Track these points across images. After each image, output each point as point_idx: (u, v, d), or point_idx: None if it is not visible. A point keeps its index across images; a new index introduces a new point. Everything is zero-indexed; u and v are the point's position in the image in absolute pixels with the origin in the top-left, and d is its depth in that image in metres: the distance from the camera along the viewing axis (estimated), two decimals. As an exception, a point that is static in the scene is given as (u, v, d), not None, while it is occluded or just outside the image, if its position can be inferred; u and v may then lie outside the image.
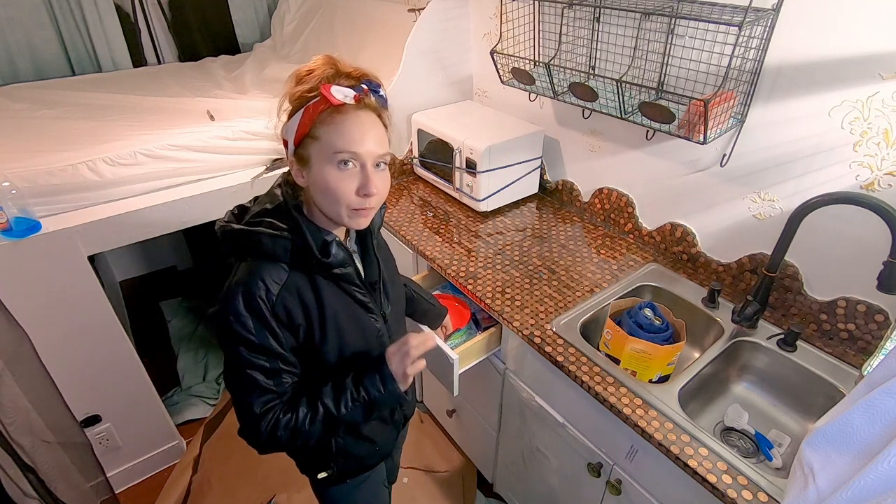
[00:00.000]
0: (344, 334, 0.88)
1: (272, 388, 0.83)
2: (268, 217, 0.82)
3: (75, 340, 1.61)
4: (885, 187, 1.05)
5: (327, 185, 0.78)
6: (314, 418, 0.85)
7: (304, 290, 0.83)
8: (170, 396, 2.28)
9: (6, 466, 1.23)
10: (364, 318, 0.92)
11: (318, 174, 0.79)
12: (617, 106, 1.30)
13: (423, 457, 1.97)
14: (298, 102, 0.79)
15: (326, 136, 0.77)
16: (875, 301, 1.13)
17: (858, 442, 0.64)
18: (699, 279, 1.43)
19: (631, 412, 1.05)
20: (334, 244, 0.84)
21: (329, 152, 0.77)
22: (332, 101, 0.76)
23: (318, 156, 0.78)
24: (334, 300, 0.87)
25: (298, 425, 0.84)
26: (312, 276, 0.85)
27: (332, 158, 0.77)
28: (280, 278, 0.81)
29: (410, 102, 1.90)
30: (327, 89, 0.75)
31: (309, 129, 0.78)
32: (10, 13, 2.21)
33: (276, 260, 0.82)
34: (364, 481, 1.13)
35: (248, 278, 0.80)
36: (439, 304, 1.33)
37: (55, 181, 1.48)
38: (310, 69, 0.79)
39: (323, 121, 0.77)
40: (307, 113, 0.77)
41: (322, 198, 0.81)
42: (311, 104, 0.77)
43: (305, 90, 0.78)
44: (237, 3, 2.79)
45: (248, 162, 1.78)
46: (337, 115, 0.77)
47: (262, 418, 0.83)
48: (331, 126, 0.77)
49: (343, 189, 0.79)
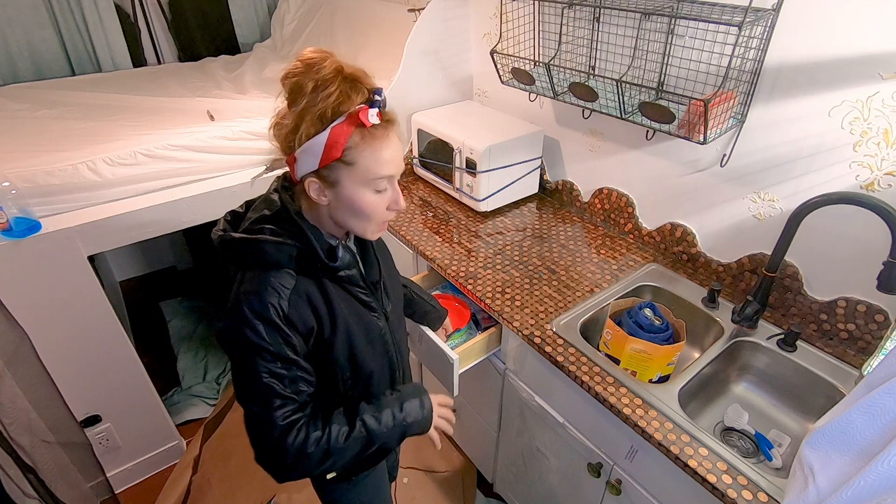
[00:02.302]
0: (351, 333, 0.89)
1: (292, 397, 0.80)
2: (267, 224, 0.80)
3: (75, 340, 1.61)
4: (885, 187, 1.05)
5: (362, 207, 0.79)
6: (350, 434, 0.82)
7: (313, 294, 0.83)
8: (170, 396, 2.28)
9: (6, 466, 1.23)
10: (368, 318, 0.93)
11: (350, 197, 0.78)
12: (617, 106, 1.30)
13: (423, 457, 1.97)
14: (320, 123, 0.73)
15: (363, 162, 0.76)
16: (875, 301, 1.13)
17: (858, 442, 0.64)
18: (699, 279, 1.43)
19: (631, 412, 1.05)
20: (339, 248, 0.84)
21: (366, 178, 0.77)
22: (367, 124, 0.73)
23: (352, 180, 0.77)
24: (341, 302, 0.87)
25: (332, 442, 0.80)
26: (319, 279, 0.84)
27: (370, 184, 0.78)
28: (289, 284, 0.80)
29: (410, 102, 1.90)
30: (366, 114, 0.73)
31: (341, 155, 0.74)
32: (10, 13, 2.20)
33: (281, 267, 0.80)
34: (367, 477, 1.13)
35: (258, 287, 0.78)
36: (440, 307, 1.33)
37: (55, 181, 1.48)
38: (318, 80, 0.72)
39: (356, 146, 0.74)
40: (335, 136, 0.73)
41: (350, 217, 0.81)
42: (338, 126, 0.73)
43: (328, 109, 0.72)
44: (237, 3, 2.79)
45: (248, 162, 1.78)
46: (371, 139, 0.75)
47: (288, 433, 0.78)
48: (367, 151, 0.75)
49: (378, 209, 0.81)
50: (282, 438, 0.78)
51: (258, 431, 0.80)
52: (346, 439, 0.82)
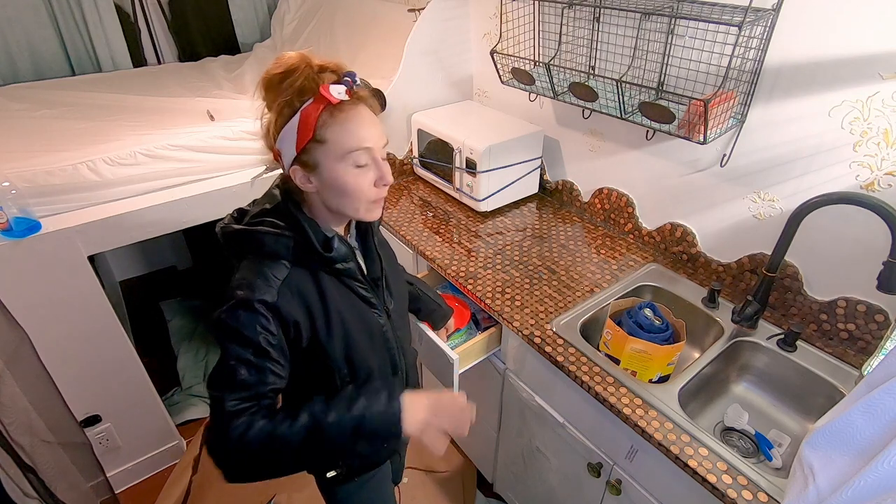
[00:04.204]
0: (349, 329, 0.88)
1: (250, 385, 0.77)
2: (267, 217, 0.82)
3: (75, 340, 1.61)
4: (885, 187, 1.05)
5: (345, 185, 0.79)
6: (294, 423, 0.76)
7: (305, 286, 0.83)
8: (170, 396, 2.28)
9: (6, 466, 1.23)
10: (367, 314, 0.92)
11: (331, 176, 0.79)
12: (617, 106, 1.30)
13: (423, 457, 1.97)
14: (289, 109, 0.76)
15: (334, 137, 0.76)
16: (875, 301, 1.13)
17: (858, 442, 0.64)
18: (699, 279, 1.43)
19: (631, 412, 1.05)
20: (336, 239, 0.84)
21: (341, 153, 0.77)
22: (333, 101, 0.74)
23: (329, 158, 0.78)
24: (337, 296, 0.87)
25: (275, 429, 0.75)
26: (315, 272, 0.85)
27: (346, 158, 0.78)
28: (281, 275, 0.81)
29: (410, 102, 1.90)
30: (327, 90, 0.74)
31: (313, 134, 0.76)
32: (10, 13, 2.20)
33: (278, 258, 0.82)
34: (371, 479, 1.13)
35: (249, 274, 0.80)
36: (445, 305, 1.33)
37: (55, 181, 1.47)
38: (286, 71, 0.75)
39: (325, 123, 0.76)
40: (305, 118, 0.75)
41: (338, 197, 0.81)
42: (306, 108, 0.75)
43: (293, 95, 0.75)
44: (237, 3, 2.78)
45: (249, 162, 1.77)
46: (339, 115, 0.76)
47: (235, 418, 0.74)
48: (335, 126, 0.76)
49: (362, 185, 0.80)
50: (227, 423, 0.74)
51: (211, 415, 0.78)
52: (290, 427, 0.76)
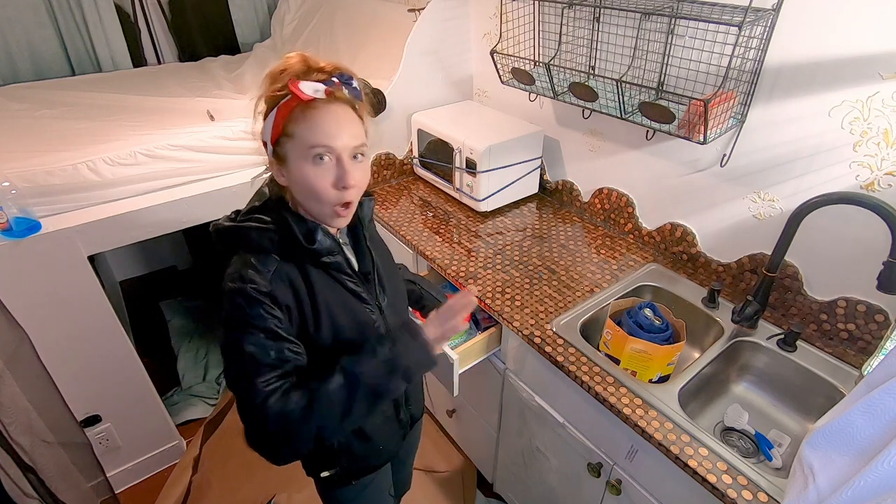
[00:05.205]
0: (338, 323, 0.88)
1: (275, 365, 0.78)
2: (256, 213, 0.84)
3: (75, 340, 1.61)
4: (885, 187, 1.05)
5: (305, 180, 0.79)
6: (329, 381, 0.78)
7: (294, 278, 0.84)
8: (170, 396, 2.28)
9: (6, 466, 1.23)
10: (357, 308, 0.92)
11: (295, 171, 0.79)
12: (617, 106, 1.30)
13: (423, 457, 1.97)
14: (272, 102, 0.79)
15: (300, 133, 0.77)
16: (875, 301, 1.13)
17: (858, 442, 0.64)
18: (699, 279, 1.43)
19: (631, 412, 1.05)
20: (319, 231, 0.84)
21: (304, 148, 0.77)
22: (302, 97, 0.75)
23: (294, 153, 0.79)
24: (325, 289, 0.87)
25: (313, 396, 0.76)
26: (303, 266, 0.85)
27: (307, 154, 0.78)
28: (271, 266, 0.81)
29: (410, 102, 1.90)
30: (295, 85, 0.75)
31: (283, 128, 0.78)
32: (10, 13, 2.20)
33: (266, 252, 0.83)
34: (369, 485, 1.12)
35: (239, 267, 0.81)
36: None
37: (55, 181, 1.47)
38: (282, 68, 0.78)
39: (295, 118, 0.77)
40: (280, 112, 0.77)
41: (302, 195, 0.82)
42: (283, 102, 0.77)
43: (277, 89, 0.77)
44: (237, 3, 2.79)
45: (249, 162, 1.77)
46: (309, 111, 0.77)
47: (269, 397, 0.75)
48: (303, 122, 0.77)
49: (320, 184, 0.79)
50: (263, 404, 0.75)
51: (244, 405, 0.78)
52: (327, 387, 0.77)
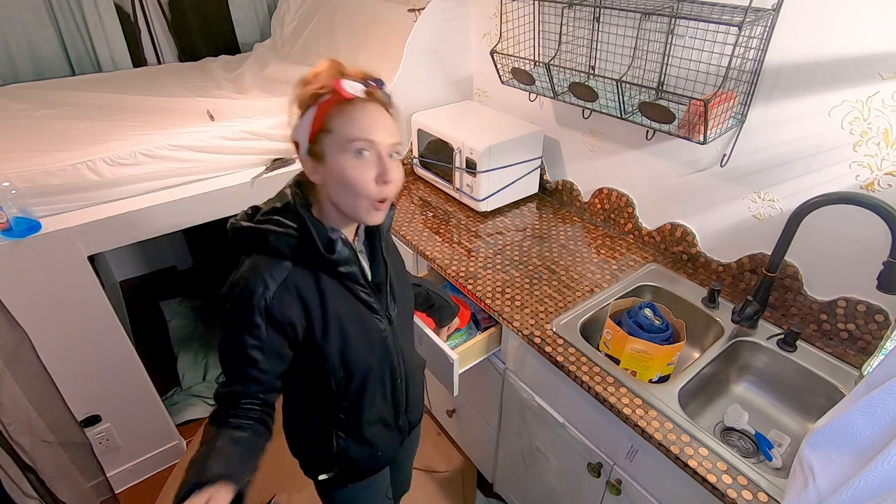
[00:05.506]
0: (346, 333, 0.88)
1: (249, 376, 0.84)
2: (277, 215, 0.83)
3: (75, 340, 1.61)
4: (885, 187, 1.05)
5: (345, 175, 0.79)
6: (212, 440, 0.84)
7: (305, 287, 0.84)
8: (170, 396, 2.28)
9: (6, 466, 1.23)
10: (367, 318, 0.92)
11: (334, 166, 0.80)
12: (617, 106, 1.30)
13: (423, 457, 1.97)
14: (309, 101, 0.80)
15: (340, 127, 0.78)
16: (875, 301, 1.13)
17: (858, 442, 0.64)
18: (699, 279, 1.43)
19: (631, 412, 1.05)
20: (339, 241, 0.85)
21: (344, 142, 0.78)
22: (344, 95, 0.77)
23: (333, 148, 0.79)
24: (337, 298, 0.87)
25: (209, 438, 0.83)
26: (317, 273, 0.85)
27: (348, 148, 0.78)
28: (280, 276, 0.81)
29: (410, 102, 1.90)
30: (338, 83, 0.77)
31: (322, 124, 0.79)
32: (10, 13, 2.20)
33: (280, 257, 0.82)
34: (368, 488, 1.12)
35: (248, 274, 0.81)
36: (453, 304, 1.33)
37: (55, 181, 1.47)
38: (316, 72, 0.81)
39: (335, 113, 0.78)
40: (320, 109, 0.79)
41: (340, 190, 0.81)
42: (323, 101, 0.78)
43: (316, 89, 0.79)
44: (237, 3, 2.78)
45: (248, 162, 1.77)
46: (348, 107, 0.78)
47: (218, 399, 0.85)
48: (343, 116, 0.78)
49: (362, 178, 0.80)
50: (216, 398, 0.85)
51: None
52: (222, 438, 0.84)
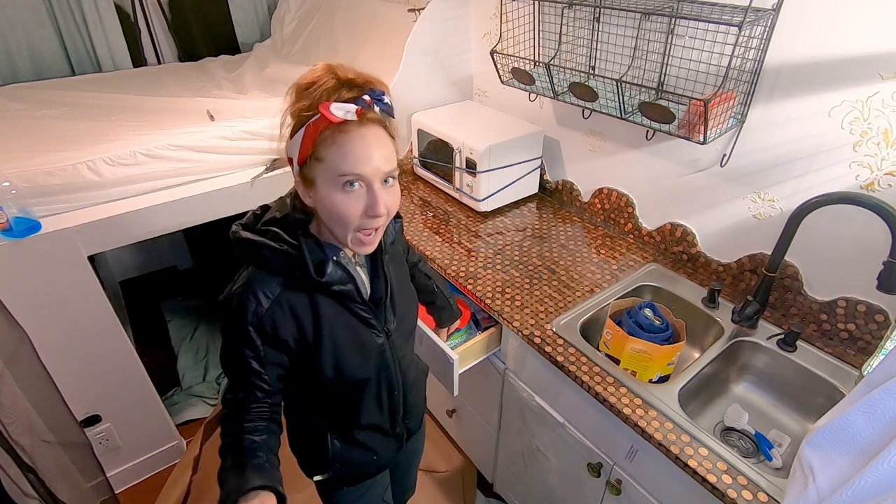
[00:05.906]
0: (340, 347, 0.87)
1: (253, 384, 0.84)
2: (276, 226, 0.81)
3: (75, 340, 1.61)
4: (885, 187, 1.05)
5: (333, 208, 0.76)
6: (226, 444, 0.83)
7: (298, 304, 0.82)
8: (170, 396, 2.28)
9: (6, 466, 1.23)
10: (363, 333, 0.90)
11: (324, 197, 0.76)
12: (617, 106, 1.30)
13: (424, 457, 1.95)
14: (299, 120, 0.75)
15: (330, 159, 0.73)
16: (875, 301, 1.13)
17: (858, 442, 0.64)
18: (699, 279, 1.43)
19: (631, 412, 1.05)
20: (330, 263, 0.82)
21: (333, 175, 0.74)
22: (333, 120, 0.71)
23: (323, 178, 0.75)
24: (332, 314, 0.85)
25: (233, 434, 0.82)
26: (311, 289, 0.83)
27: (337, 182, 0.74)
28: (273, 292, 0.80)
29: (410, 102, 1.90)
30: (326, 108, 0.70)
31: (311, 151, 0.74)
32: (10, 13, 2.20)
33: (275, 272, 0.81)
34: (367, 491, 1.12)
35: (241, 290, 0.80)
36: (456, 308, 1.33)
37: (55, 181, 1.47)
38: (310, 81, 0.74)
39: (325, 141, 0.73)
40: (308, 132, 0.73)
41: (329, 220, 0.79)
42: (312, 123, 0.73)
43: (305, 107, 0.73)
44: (237, 3, 2.78)
45: (248, 162, 1.77)
46: (339, 135, 0.73)
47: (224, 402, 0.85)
48: (333, 147, 0.73)
49: (349, 212, 0.76)
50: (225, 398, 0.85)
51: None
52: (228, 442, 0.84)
